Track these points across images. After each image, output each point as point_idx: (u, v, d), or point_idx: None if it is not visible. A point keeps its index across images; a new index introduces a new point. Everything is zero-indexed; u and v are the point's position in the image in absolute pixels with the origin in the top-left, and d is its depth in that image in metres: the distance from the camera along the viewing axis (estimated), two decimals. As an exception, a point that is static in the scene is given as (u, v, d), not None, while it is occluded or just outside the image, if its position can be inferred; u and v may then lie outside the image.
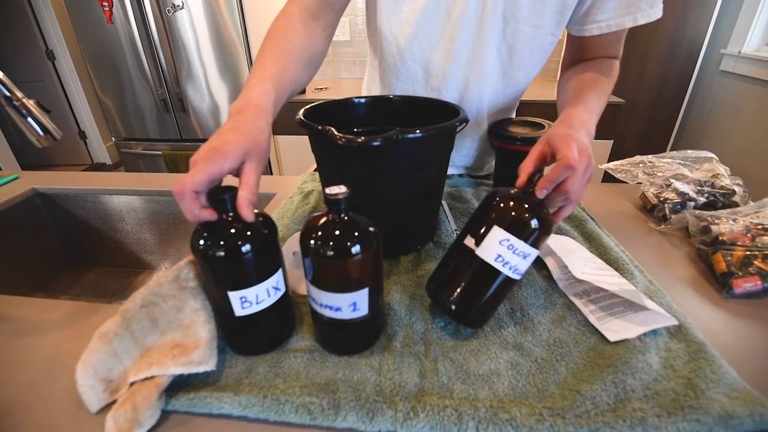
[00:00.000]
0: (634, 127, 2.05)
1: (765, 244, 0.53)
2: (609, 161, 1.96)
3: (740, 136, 1.88)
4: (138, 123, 1.95)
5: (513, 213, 0.41)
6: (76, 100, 2.93)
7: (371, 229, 0.37)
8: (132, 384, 0.37)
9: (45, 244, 0.92)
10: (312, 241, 0.36)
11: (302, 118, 0.51)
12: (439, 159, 0.52)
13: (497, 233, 0.40)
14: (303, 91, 1.97)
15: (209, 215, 0.35)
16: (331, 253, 0.35)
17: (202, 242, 0.36)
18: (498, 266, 0.40)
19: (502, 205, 0.42)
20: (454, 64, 0.63)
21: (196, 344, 0.38)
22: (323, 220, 0.36)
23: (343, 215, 0.36)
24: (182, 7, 1.63)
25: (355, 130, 0.61)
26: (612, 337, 0.41)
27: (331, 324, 0.39)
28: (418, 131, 0.44)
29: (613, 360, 0.38)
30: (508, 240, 0.40)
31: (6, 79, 0.53)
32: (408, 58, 0.64)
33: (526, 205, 0.41)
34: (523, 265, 0.41)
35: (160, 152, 1.94)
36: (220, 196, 0.36)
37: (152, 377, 0.36)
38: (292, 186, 0.83)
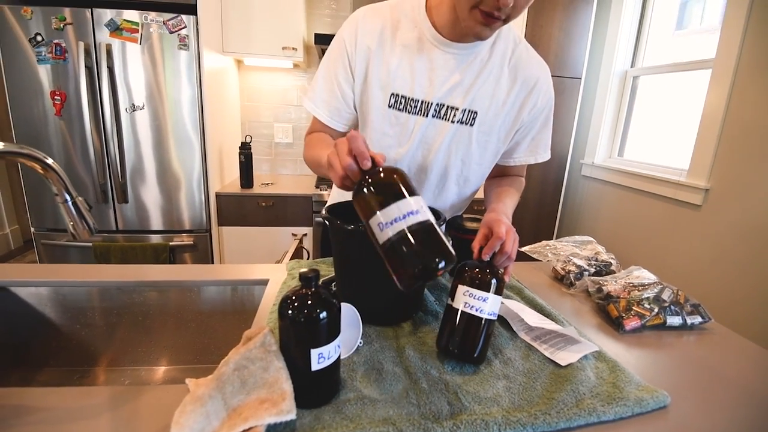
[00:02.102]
0: (527, 219, 2.55)
1: (636, 296, 0.80)
2: None
3: (604, 223, 2.46)
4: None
5: (469, 272, 0.62)
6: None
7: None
8: (226, 438, 0.44)
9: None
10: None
11: (329, 216, 0.67)
12: (429, 246, 0.72)
13: (461, 288, 0.61)
14: (251, 185, 2.11)
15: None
16: None
17: (290, 311, 0.48)
18: (467, 310, 0.59)
19: (464, 270, 0.63)
20: (426, 189, 0.88)
21: (282, 397, 0.47)
22: None
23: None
24: (142, 108, 1.73)
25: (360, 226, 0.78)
26: (562, 362, 0.61)
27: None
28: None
29: (567, 376, 0.57)
30: (467, 290, 0.60)
31: (67, 180, 0.61)
32: None
33: (479, 267, 0.62)
34: (485, 306, 0.59)
35: (89, 244, 1.84)
36: (307, 276, 0.49)
37: (248, 429, 0.45)
38: (277, 273, 0.94)
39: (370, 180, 0.53)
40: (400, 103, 0.78)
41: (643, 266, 0.95)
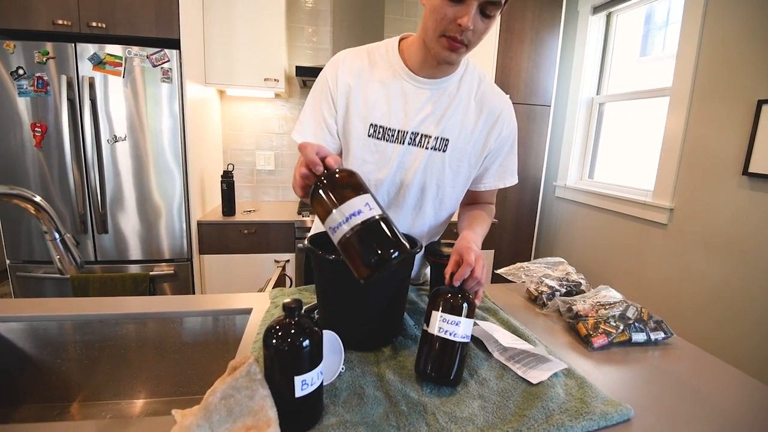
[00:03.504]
0: (506, 239, 2.62)
1: (603, 315, 0.85)
2: (494, 267, 2.48)
3: (578, 242, 2.55)
4: (40, 245, 1.83)
5: (442, 298, 0.66)
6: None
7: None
8: (210, 468, 0.46)
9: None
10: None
11: (311, 246, 0.71)
12: (407, 272, 0.75)
13: (435, 314, 0.65)
14: (233, 213, 2.12)
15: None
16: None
17: (274, 341, 0.51)
18: (441, 335, 0.63)
19: (437, 296, 0.67)
20: (404, 212, 0.92)
21: (267, 424, 0.49)
22: None
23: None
24: (124, 139, 1.75)
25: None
26: (533, 380, 0.64)
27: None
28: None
29: (538, 394, 0.61)
30: (441, 316, 0.64)
31: (57, 219, 0.63)
32: None
33: (451, 293, 0.66)
34: (458, 329, 0.63)
35: (67, 276, 1.81)
36: (290, 307, 0.52)
37: (233, 456, 0.46)
38: (261, 302, 0.96)
39: (322, 183, 0.57)
40: (379, 132, 0.84)
41: (616, 283, 1.01)
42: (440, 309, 0.65)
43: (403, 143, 0.84)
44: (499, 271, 1.17)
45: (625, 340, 0.81)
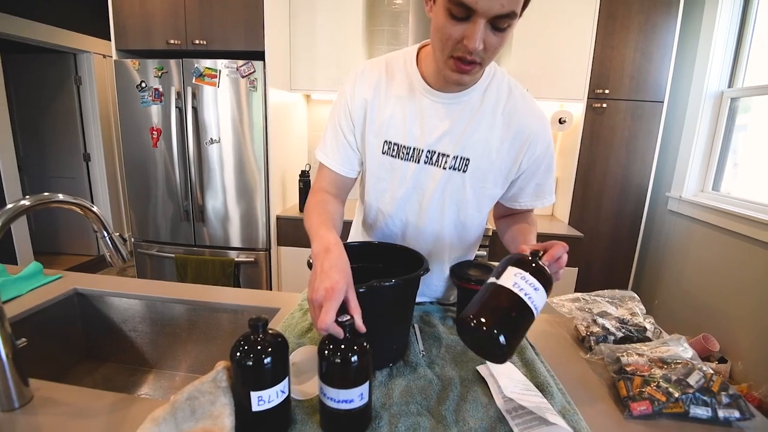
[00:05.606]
0: (598, 256, 2.30)
1: (655, 375, 0.69)
2: (576, 288, 2.21)
3: (692, 267, 2.12)
4: (155, 227, 2.19)
5: (524, 260, 0.59)
6: (99, 197, 3.30)
7: (365, 343, 0.55)
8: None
9: (70, 337, 1.05)
10: (326, 351, 0.53)
11: (311, 262, 0.71)
12: (407, 297, 0.71)
13: (511, 269, 0.57)
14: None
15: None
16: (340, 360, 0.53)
17: (238, 354, 0.53)
18: (515, 290, 0.55)
19: (515, 257, 0.60)
20: (424, 234, 0.87)
21: (221, 430, 0.52)
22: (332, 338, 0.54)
23: (347, 335, 0.54)
24: (218, 141, 2.00)
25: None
26: (526, 445, 0.55)
27: (343, 414, 0.54)
28: (393, 280, 0.64)
29: (524, 463, 0.52)
30: (520, 273, 0.56)
31: (103, 218, 0.74)
32: (390, 224, 0.89)
33: (532, 261, 0.59)
34: (535, 296, 0.55)
35: (172, 255, 2.14)
36: (255, 323, 0.53)
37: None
38: (293, 302, 1.00)
39: (335, 358, 0.53)
40: (393, 149, 0.81)
41: (737, 325, 0.82)
42: (522, 268, 0.57)
43: (419, 162, 0.80)
44: (549, 299, 1.03)
45: (680, 413, 0.65)
